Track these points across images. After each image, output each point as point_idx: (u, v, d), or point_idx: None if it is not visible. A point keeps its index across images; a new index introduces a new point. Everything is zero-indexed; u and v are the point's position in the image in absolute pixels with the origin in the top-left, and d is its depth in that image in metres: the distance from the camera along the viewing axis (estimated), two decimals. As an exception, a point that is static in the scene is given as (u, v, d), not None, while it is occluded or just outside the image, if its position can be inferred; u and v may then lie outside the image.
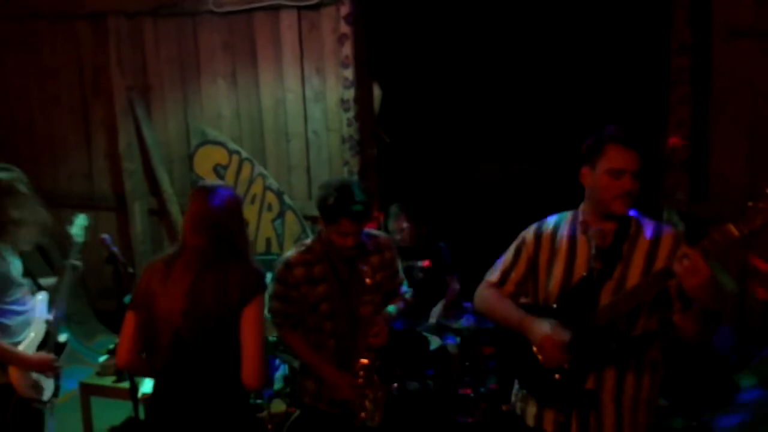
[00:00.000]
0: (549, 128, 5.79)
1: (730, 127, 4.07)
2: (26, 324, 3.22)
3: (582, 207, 2.41)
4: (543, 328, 2.31)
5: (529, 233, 2.50)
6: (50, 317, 3.34)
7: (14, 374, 3.09)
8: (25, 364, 3.12)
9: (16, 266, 3.20)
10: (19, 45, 5.63)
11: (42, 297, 3.38)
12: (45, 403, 3.24)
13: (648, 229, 2.33)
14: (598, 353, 2.27)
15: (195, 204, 2.55)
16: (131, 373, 3.19)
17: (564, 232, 2.42)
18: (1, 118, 5.82)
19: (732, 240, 1.99)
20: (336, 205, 2.77)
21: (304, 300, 2.92)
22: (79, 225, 3.61)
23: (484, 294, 2.56)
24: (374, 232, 3.10)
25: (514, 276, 2.50)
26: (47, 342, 3.27)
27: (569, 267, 2.36)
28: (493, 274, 2.56)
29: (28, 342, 3.20)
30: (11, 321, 3.13)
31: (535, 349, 2.35)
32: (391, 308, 3.12)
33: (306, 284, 2.91)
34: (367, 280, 2.86)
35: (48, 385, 3.26)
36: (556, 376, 2.32)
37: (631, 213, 2.34)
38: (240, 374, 2.46)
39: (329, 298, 2.91)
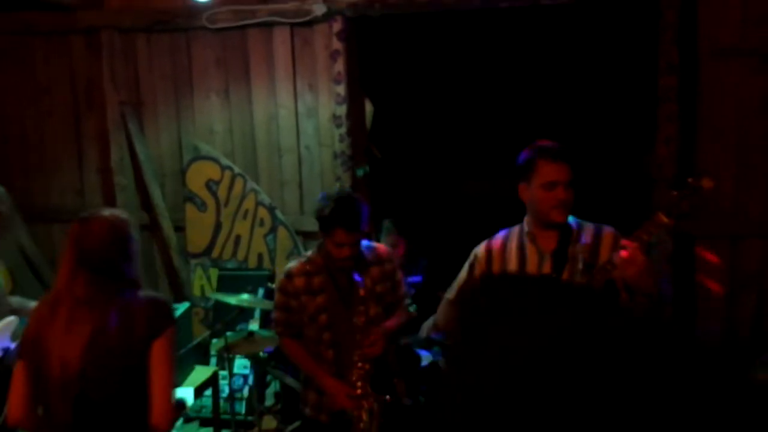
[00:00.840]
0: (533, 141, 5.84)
1: (717, 144, 4.13)
2: None
3: (526, 219, 2.58)
4: None
5: (480, 249, 2.67)
6: (11, 346, 3.14)
7: None
8: None
9: None
10: (13, 60, 5.64)
11: (8, 322, 3.19)
12: None
13: (588, 232, 2.51)
14: None
15: (71, 238, 2.28)
16: (26, 430, 2.49)
17: (512, 244, 2.58)
18: (-7, 133, 5.81)
19: (664, 226, 2.18)
20: (330, 215, 2.86)
21: (303, 310, 2.99)
22: None
23: (443, 310, 2.73)
24: (375, 244, 3.15)
25: None
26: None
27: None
28: (450, 292, 2.71)
29: None
30: None
31: None
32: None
33: (306, 294, 2.98)
34: (361, 291, 2.89)
35: None
36: None
37: (571, 220, 2.52)
38: (147, 417, 2.23)
39: (328, 308, 2.98)
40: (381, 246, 3.17)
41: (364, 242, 3.05)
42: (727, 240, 4.13)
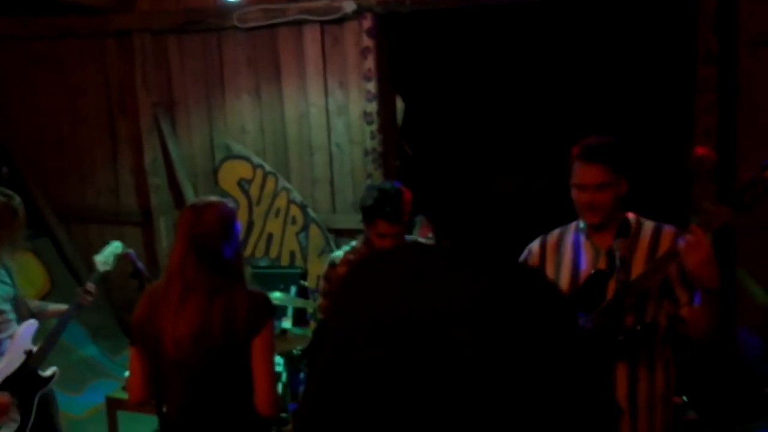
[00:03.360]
0: (569, 140, 5.76)
1: (756, 136, 4.02)
2: None
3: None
4: None
5: (534, 244, 2.62)
6: (33, 348, 3.18)
7: None
8: None
9: None
10: (49, 64, 5.74)
11: (29, 325, 3.22)
12: None
13: (648, 229, 2.43)
14: (604, 347, 2.33)
15: (182, 224, 2.41)
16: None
17: (568, 240, 2.54)
18: (30, 136, 5.92)
19: (724, 217, 2.12)
20: (372, 205, 2.88)
21: None
22: (108, 253, 3.40)
23: None
24: (418, 238, 3.15)
25: None
26: (20, 375, 3.11)
27: (575, 270, 2.47)
28: None
29: None
30: None
31: None
32: None
33: None
34: None
35: (9, 424, 3.06)
36: None
37: (630, 215, 2.45)
38: (253, 404, 2.36)
39: None
40: (425, 242, 3.17)
41: (409, 236, 3.06)
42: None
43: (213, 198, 2.54)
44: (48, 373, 3.26)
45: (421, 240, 3.20)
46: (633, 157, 2.43)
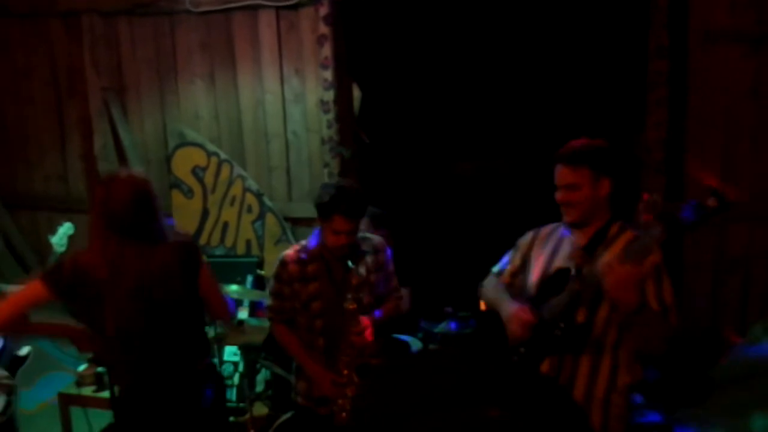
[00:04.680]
0: (527, 125, 5.82)
1: (705, 129, 4.12)
2: None
3: None
4: (512, 307, 2.53)
5: (528, 234, 2.75)
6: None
7: None
8: None
9: None
10: (-9, 43, 5.51)
11: None
12: None
13: (626, 234, 2.49)
14: (547, 339, 2.46)
15: (96, 203, 2.49)
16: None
17: (557, 233, 2.63)
18: (-27, 119, 5.70)
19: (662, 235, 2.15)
20: (330, 202, 2.86)
21: (296, 297, 3.02)
22: (62, 234, 3.57)
23: (485, 282, 2.82)
24: (369, 234, 3.15)
25: (510, 268, 2.74)
26: (1, 356, 3.24)
27: (549, 261, 2.57)
28: (495, 268, 2.83)
29: None
30: None
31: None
32: None
33: (299, 281, 3.01)
34: (354, 279, 2.91)
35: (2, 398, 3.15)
36: (514, 358, 2.52)
37: (618, 221, 2.52)
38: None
39: (321, 296, 3.00)
40: (375, 237, 3.17)
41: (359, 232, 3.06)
42: (714, 225, 4.15)
43: (123, 171, 2.64)
44: (23, 352, 3.38)
45: (368, 235, 3.18)
46: (616, 158, 2.50)
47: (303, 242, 3.12)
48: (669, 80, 4.10)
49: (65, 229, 3.57)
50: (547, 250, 2.61)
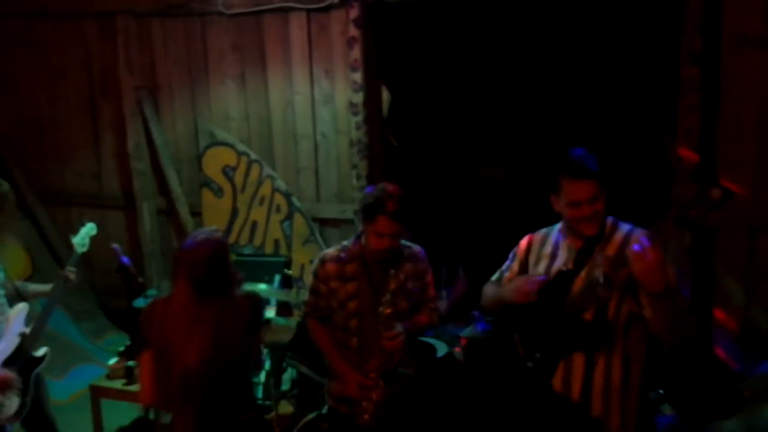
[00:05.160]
0: (554, 129, 5.80)
1: (738, 136, 4.07)
2: None
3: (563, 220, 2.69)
4: (514, 282, 2.65)
5: (523, 240, 2.79)
6: (26, 330, 3.28)
7: None
8: None
9: None
10: (27, 43, 5.63)
11: (20, 309, 3.32)
12: (6, 420, 3.17)
13: (622, 231, 2.56)
14: (563, 339, 2.50)
15: (180, 265, 2.72)
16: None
17: (551, 238, 2.69)
18: (9, 117, 5.82)
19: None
20: (375, 203, 2.88)
21: (333, 295, 3.05)
22: (84, 234, 3.54)
23: (484, 288, 2.88)
24: (410, 243, 3.16)
25: (508, 275, 2.78)
26: (17, 356, 3.22)
27: (549, 266, 2.62)
28: (494, 275, 2.88)
29: None
30: None
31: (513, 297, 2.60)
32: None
33: (336, 280, 3.04)
34: (392, 283, 2.93)
35: (10, 402, 3.19)
36: (529, 363, 2.54)
37: (609, 219, 2.57)
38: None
39: (358, 296, 3.02)
40: (416, 246, 3.18)
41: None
42: (746, 231, 4.10)
43: (202, 233, 2.78)
44: (40, 353, 3.35)
45: (409, 243, 3.19)
46: (604, 166, 2.53)
47: (345, 242, 3.15)
48: (701, 86, 4.06)
49: (87, 230, 3.58)
50: (545, 254, 2.66)
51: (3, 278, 3.28)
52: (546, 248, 2.68)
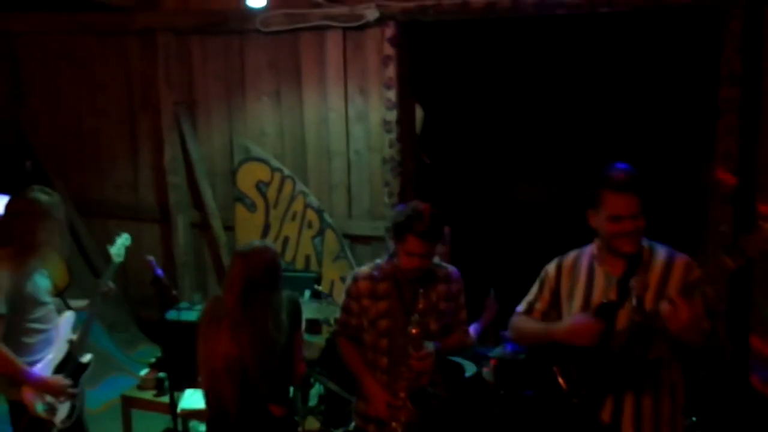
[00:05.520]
0: (590, 150, 5.76)
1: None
2: (47, 343, 3.25)
3: (596, 241, 2.55)
4: (568, 319, 2.50)
5: (551, 266, 2.65)
6: (73, 337, 3.36)
7: (27, 393, 3.12)
8: (41, 386, 3.15)
9: (41, 285, 3.22)
10: (72, 59, 5.80)
11: (68, 316, 3.41)
12: (60, 423, 3.23)
13: (660, 256, 2.44)
14: (613, 375, 2.39)
15: (237, 270, 2.92)
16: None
17: (583, 263, 2.55)
18: (52, 129, 5.99)
19: (727, 271, 2.11)
20: (405, 222, 2.85)
21: (364, 313, 3.02)
22: (120, 245, 3.62)
23: (514, 321, 2.74)
24: (444, 263, 3.14)
25: (539, 306, 2.66)
26: (67, 362, 3.29)
27: (587, 297, 2.49)
28: (521, 305, 2.74)
29: (46, 362, 3.22)
30: (31, 339, 3.18)
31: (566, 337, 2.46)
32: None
33: (368, 298, 3.02)
34: (421, 303, 2.91)
35: (62, 407, 3.26)
36: (574, 400, 2.44)
37: (645, 242, 2.45)
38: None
39: (389, 315, 2.99)
40: (450, 267, 3.16)
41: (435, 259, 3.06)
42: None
43: (257, 242, 3.03)
44: (86, 359, 3.44)
45: (444, 264, 3.17)
46: (650, 187, 2.45)
47: (378, 260, 3.13)
48: (740, 107, 3.99)
49: (123, 240, 3.65)
50: (580, 284, 2.53)
51: (50, 286, 3.34)
52: (579, 275, 2.55)
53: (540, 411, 2.62)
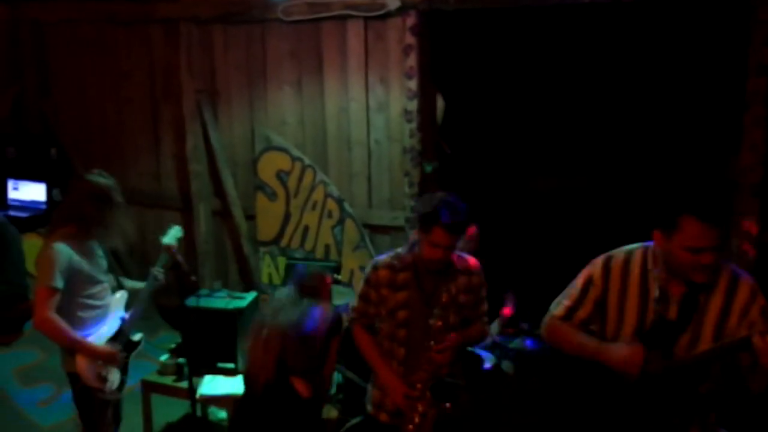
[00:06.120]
0: (610, 142, 5.69)
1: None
2: (100, 318, 3.41)
3: (653, 257, 2.33)
4: (623, 346, 2.28)
5: (596, 269, 2.42)
6: (125, 316, 3.52)
7: (81, 363, 3.27)
8: (92, 353, 3.29)
9: (98, 263, 3.40)
10: (97, 48, 5.86)
11: (120, 295, 3.56)
12: (110, 393, 3.39)
13: (724, 275, 2.23)
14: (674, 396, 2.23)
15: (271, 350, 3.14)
16: None
17: (635, 271, 2.34)
18: (76, 117, 6.06)
19: None
20: (432, 213, 2.84)
21: (382, 303, 3.02)
22: (172, 236, 3.72)
23: (554, 326, 2.52)
24: (466, 255, 3.13)
25: (581, 314, 2.45)
26: (118, 338, 3.44)
27: (642, 312, 2.30)
28: (558, 308, 2.51)
29: (99, 334, 3.38)
30: (85, 314, 3.33)
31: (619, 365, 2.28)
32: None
33: (387, 287, 3.01)
34: (444, 296, 2.90)
35: (114, 378, 3.41)
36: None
37: None
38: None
39: (408, 306, 2.99)
40: (472, 258, 3.14)
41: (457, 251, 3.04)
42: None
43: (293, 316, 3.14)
44: (136, 337, 3.61)
45: (465, 256, 3.14)
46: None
47: (399, 250, 3.12)
48: (767, 99, 3.92)
49: (175, 232, 3.75)
50: (632, 295, 2.33)
51: (107, 266, 3.50)
52: (630, 279, 2.33)
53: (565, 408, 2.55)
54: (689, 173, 5.00)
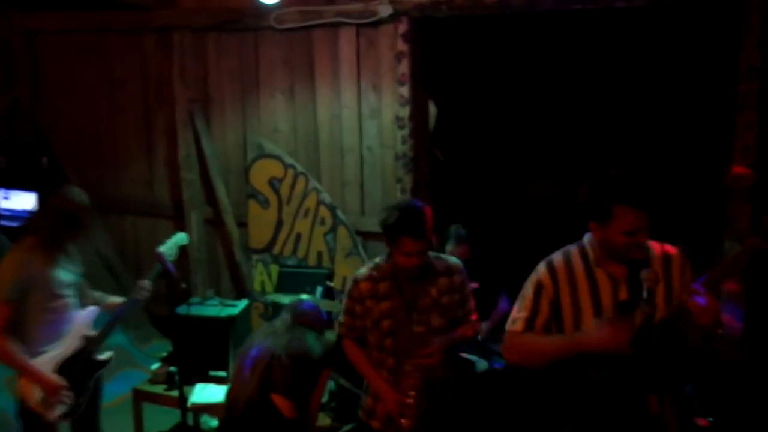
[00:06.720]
0: (605, 148, 5.70)
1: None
2: (57, 336, 3.24)
3: (590, 246, 2.44)
4: (601, 326, 2.30)
5: (543, 275, 2.47)
6: (91, 333, 3.34)
7: (24, 386, 3.15)
8: (36, 380, 3.14)
9: (61, 278, 3.22)
10: (91, 56, 5.85)
11: (88, 312, 3.39)
12: (57, 418, 3.22)
13: (655, 249, 2.42)
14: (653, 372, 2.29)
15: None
16: None
17: (578, 268, 2.43)
18: (69, 125, 6.04)
19: (754, 253, 2.09)
20: (396, 224, 2.84)
21: (367, 315, 3.01)
22: (172, 243, 3.54)
23: (518, 340, 2.49)
24: (445, 255, 3.11)
25: (540, 320, 2.45)
26: (77, 358, 3.27)
27: (596, 302, 2.39)
28: (517, 323, 2.49)
29: (51, 355, 3.21)
30: (42, 329, 3.18)
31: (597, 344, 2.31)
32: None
33: (370, 299, 3.00)
34: (422, 301, 2.90)
35: (61, 404, 3.22)
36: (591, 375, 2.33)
37: None
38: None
39: (392, 315, 2.98)
40: (452, 258, 3.13)
41: (433, 252, 3.03)
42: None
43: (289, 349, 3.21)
44: (104, 357, 3.42)
45: (443, 256, 3.14)
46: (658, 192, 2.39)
47: (377, 260, 3.11)
48: (759, 102, 3.92)
49: (177, 239, 3.57)
50: (583, 290, 2.41)
51: (76, 281, 3.33)
52: (577, 279, 2.42)
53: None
54: (682, 178, 5.01)
